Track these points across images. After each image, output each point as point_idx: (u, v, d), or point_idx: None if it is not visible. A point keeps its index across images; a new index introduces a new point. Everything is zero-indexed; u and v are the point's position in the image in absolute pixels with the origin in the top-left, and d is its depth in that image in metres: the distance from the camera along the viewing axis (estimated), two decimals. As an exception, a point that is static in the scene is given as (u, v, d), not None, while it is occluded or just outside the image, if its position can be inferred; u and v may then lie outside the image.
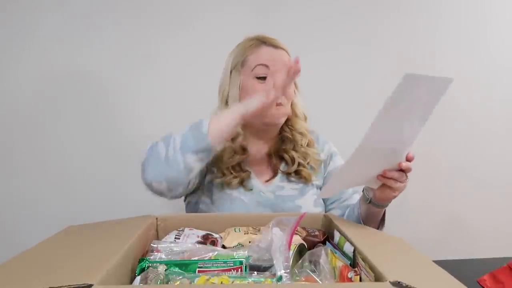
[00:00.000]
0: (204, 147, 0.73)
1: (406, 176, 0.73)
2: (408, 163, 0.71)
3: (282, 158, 0.95)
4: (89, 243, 0.58)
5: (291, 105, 0.94)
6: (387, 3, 1.58)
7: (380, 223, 0.86)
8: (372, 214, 0.83)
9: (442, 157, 1.61)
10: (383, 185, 0.74)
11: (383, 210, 0.84)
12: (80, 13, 1.39)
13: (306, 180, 0.94)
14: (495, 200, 1.66)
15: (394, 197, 0.76)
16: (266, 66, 0.87)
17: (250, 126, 0.92)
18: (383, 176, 0.71)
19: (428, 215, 1.61)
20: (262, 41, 0.90)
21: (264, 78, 0.88)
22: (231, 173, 0.89)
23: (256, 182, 0.92)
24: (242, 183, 0.90)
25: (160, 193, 0.78)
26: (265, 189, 0.92)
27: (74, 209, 1.37)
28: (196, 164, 0.75)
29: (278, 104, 0.87)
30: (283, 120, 0.91)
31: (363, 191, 0.83)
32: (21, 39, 1.37)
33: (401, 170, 0.71)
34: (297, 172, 0.94)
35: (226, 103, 0.91)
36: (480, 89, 1.63)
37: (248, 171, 0.91)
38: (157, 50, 1.44)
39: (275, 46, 0.90)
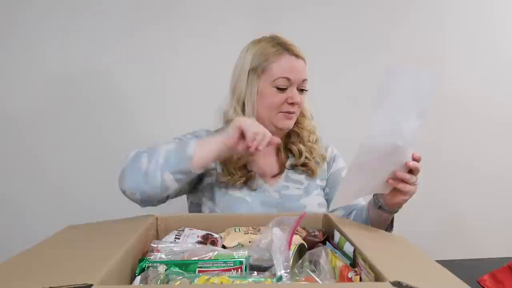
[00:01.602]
0: (184, 169, 0.76)
1: (416, 178, 0.73)
2: (415, 162, 0.71)
3: (289, 152, 0.97)
4: (89, 243, 0.58)
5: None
6: (392, 3, 1.58)
7: (388, 228, 0.87)
8: (382, 219, 0.83)
9: (443, 156, 1.61)
10: (394, 190, 0.74)
11: (393, 215, 0.84)
12: (86, 14, 1.39)
13: (312, 173, 0.95)
14: (495, 200, 1.65)
15: (405, 201, 0.76)
16: (288, 79, 0.89)
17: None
18: (393, 179, 0.71)
19: (428, 215, 1.61)
20: (285, 49, 0.90)
21: (283, 89, 0.89)
22: (238, 173, 0.90)
23: (260, 182, 0.93)
24: (246, 183, 0.91)
25: (133, 200, 0.80)
26: (270, 188, 0.92)
27: (74, 209, 1.37)
28: (173, 184, 0.76)
29: (291, 113, 0.90)
30: (293, 124, 0.94)
31: (373, 196, 0.83)
32: (27, 40, 1.36)
33: (410, 171, 0.71)
34: (303, 165, 0.95)
35: (243, 104, 0.91)
36: (482, 88, 1.62)
37: (253, 171, 0.92)
38: (165, 52, 1.43)
39: (296, 55, 0.90)
